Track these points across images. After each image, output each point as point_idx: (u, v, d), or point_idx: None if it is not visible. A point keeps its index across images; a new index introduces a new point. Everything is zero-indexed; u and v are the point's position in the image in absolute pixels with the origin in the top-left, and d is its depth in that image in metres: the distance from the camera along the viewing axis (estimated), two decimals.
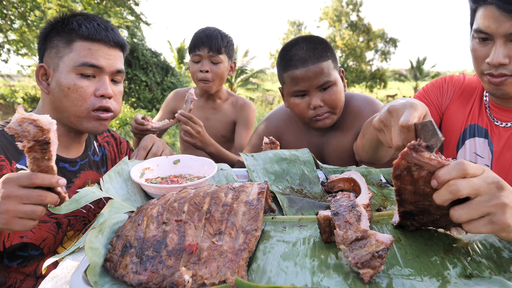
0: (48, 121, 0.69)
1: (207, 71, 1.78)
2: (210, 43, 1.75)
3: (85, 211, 1.12)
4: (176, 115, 1.43)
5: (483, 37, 0.98)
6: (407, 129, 0.69)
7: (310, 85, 1.25)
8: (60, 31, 1.08)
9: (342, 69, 1.39)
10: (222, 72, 1.81)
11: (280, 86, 1.41)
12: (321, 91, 1.27)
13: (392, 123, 0.74)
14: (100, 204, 1.18)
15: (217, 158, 1.54)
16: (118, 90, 1.14)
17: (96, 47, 1.07)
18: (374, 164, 1.22)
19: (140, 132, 1.41)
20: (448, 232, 0.69)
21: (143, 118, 1.42)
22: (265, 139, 1.25)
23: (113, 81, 1.13)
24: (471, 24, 1.05)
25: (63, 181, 0.72)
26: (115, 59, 1.11)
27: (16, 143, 0.66)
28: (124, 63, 1.18)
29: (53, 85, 1.07)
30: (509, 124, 1.09)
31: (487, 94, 1.17)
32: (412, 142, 0.58)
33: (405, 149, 0.58)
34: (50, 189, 0.73)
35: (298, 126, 1.47)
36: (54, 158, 0.70)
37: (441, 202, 0.58)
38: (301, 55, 1.25)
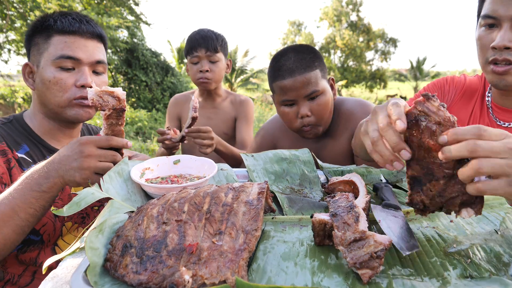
0: (121, 92, 0.90)
1: (207, 71, 1.83)
2: (207, 43, 1.81)
3: None
4: (183, 133, 1.44)
5: (490, 23, 1.00)
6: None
7: (297, 95, 1.29)
8: (40, 29, 1.11)
9: (332, 77, 1.42)
10: (221, 69, 1.88)
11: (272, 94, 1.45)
12: (309, 101, 1.31)
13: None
14: None
15: (226, 154, 1.59)
16: (100, 81, 1.16)
17: (72, 39, 1.09)
18: (372, 161, 1.23)
19: (162, 142, 1.46)
20: (458, 217, 0.66)
21: (168, 128, 1.45)
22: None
23: (95, 72, 1.15)
24: (479, 14, 1.06)
25: (130, 143, 0.93)
26: (93, 50, 1.13)
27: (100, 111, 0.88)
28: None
29: (37, 81, 1.11)
30: None
31: (489, 94, 1.17)
32: (426, 92, 0.62)
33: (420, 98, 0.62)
34: (117, 150, 0.92)
35: (293, 133, 1.49)
36: (124, 123, 0.93)
37: (450, 156, 0.58)
38: (288, 65, 1.29)
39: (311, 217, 0.67)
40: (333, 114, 1.41)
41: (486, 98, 1.17)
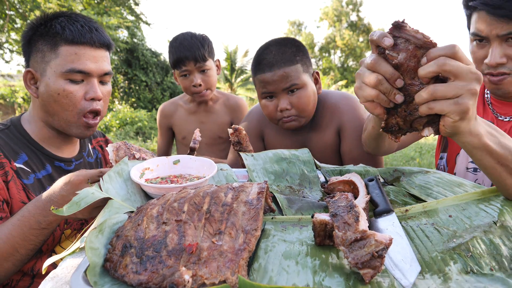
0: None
1: (200, 85, 1.75)
2: (194, 54, 1.71)
3: None
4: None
5: (480, 39, 1.04)
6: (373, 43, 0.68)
7: (276, 88, 1.30)
8: (44, 35, 1.07)
9: (317, 71, 1.42)
10: (213, 77, 1.81)
11: None
12: (288, 94, 1.31)
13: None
14: None
15: None
16: (106, 90, 1.15)
17: (82, 51, 1.06)
18: (380, 152, 1.24)
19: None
20: (421, 134, 0.70)
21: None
22: (230, 130, 1.25)
23: (101, 82, 1.14)
24: (468, 28, 1.09)
25: None
26: (102, 61, 1.11)
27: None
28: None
29: (42, 90, 1.07)
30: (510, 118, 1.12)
31: (488, 91, 1.19)
32: (395, 20, 0.64)
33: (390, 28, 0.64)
34: None
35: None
36: None
37: (424, 74, 0.62)
38: (269, 59, 1.29)
39: (312, 217, 0.67)
40: (318, 107, 1.41)
41: (485, 96, 1.19)
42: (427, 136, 0.69)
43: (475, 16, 1.03)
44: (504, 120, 1.12)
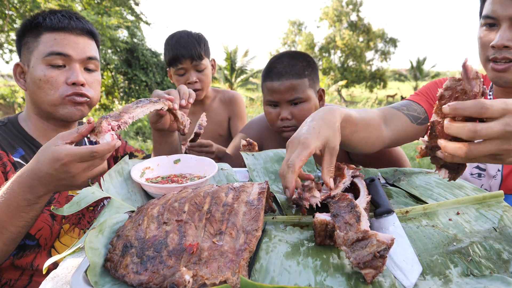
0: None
1: (195, 82, 1.76)
2: (191, 52, 1.71)
3: None
4: (185, 150, 1.47)
5: (490, 23, 1.04)
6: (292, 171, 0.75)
7: (281, 98, 1.35)
8: (29, 28, 1.09)
9: (323, 88, 1.47)
10: (209, 76, 1.81)
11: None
12: (291, 105, 1.36)
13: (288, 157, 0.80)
14: None
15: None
16: (93, 78, 1.13)
17: (62, 36, 1.07)
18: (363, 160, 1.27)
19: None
20: (437, 172, 0.71)
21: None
22: (243, 141, 1.26)
23: (87, 69, 1.12)
24: (480, 14, 1.09)
25: (118, 142, 0.81)
26: (84, 47, 1.10)
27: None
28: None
29: (28, 81, 1.09)
30: None
31: (490, 93, 1.19)
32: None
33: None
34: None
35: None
36: None
37: (448, 132, 0.60)
38: (279, 69, 1.35)
39: (313, 217, 0.67)
40: None
41: (488, 97, 1.19)
42: (441, 177, 0.69)
43: None
44: None
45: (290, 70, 1.33)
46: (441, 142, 0.62)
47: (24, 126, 1.14)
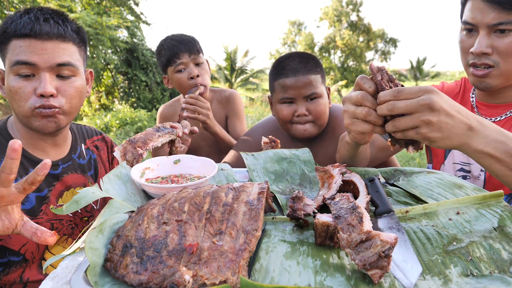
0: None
1: (198, 76, 1.72)
2: (188, 46, 1.71)
3: (71, 215, 1.09)
4: (183, 100, 1.50)
5: (469, 28, 1.06)
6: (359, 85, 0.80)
7: (297, 94, 1.34)
8: (2, 33, 1.03)
9: (329, 87, 1.48)
10: (208, 72, 1.80)
11: (270, 95, 1.50)
12: (307, 101, 1.36)
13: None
14: (87, 208, 1.15)
15: (221, 137, 1.68)
16: (68, 85, 1.04)
17: (27, 43, 0.98)
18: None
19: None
20: (408, 151, 0.80)
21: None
22: (264, 139, 1.25)
23: (61, 76, 1.03)
24: (461, 18, 1.11)
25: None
26: (53, 52, 1.00)
27: None
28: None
29: (5, 89, 1.04)
30: (498, 118, 1.13)
31: (473, 95, 1.22)
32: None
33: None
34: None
35: (284, 136, 1.50)
36: None
37: (383, 114, 0.75)
38: (293, 66, 1.35)
39: (314, 217, 0.67)
40: None
41: (471, 98, 1.22)
42: (411, 152, 0.80)
43: (469, 4, 1.05)
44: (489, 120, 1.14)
45: (305, 66, 1.34)
46: (387, 125, 0.76)
47: (11, 133, 1.09)
